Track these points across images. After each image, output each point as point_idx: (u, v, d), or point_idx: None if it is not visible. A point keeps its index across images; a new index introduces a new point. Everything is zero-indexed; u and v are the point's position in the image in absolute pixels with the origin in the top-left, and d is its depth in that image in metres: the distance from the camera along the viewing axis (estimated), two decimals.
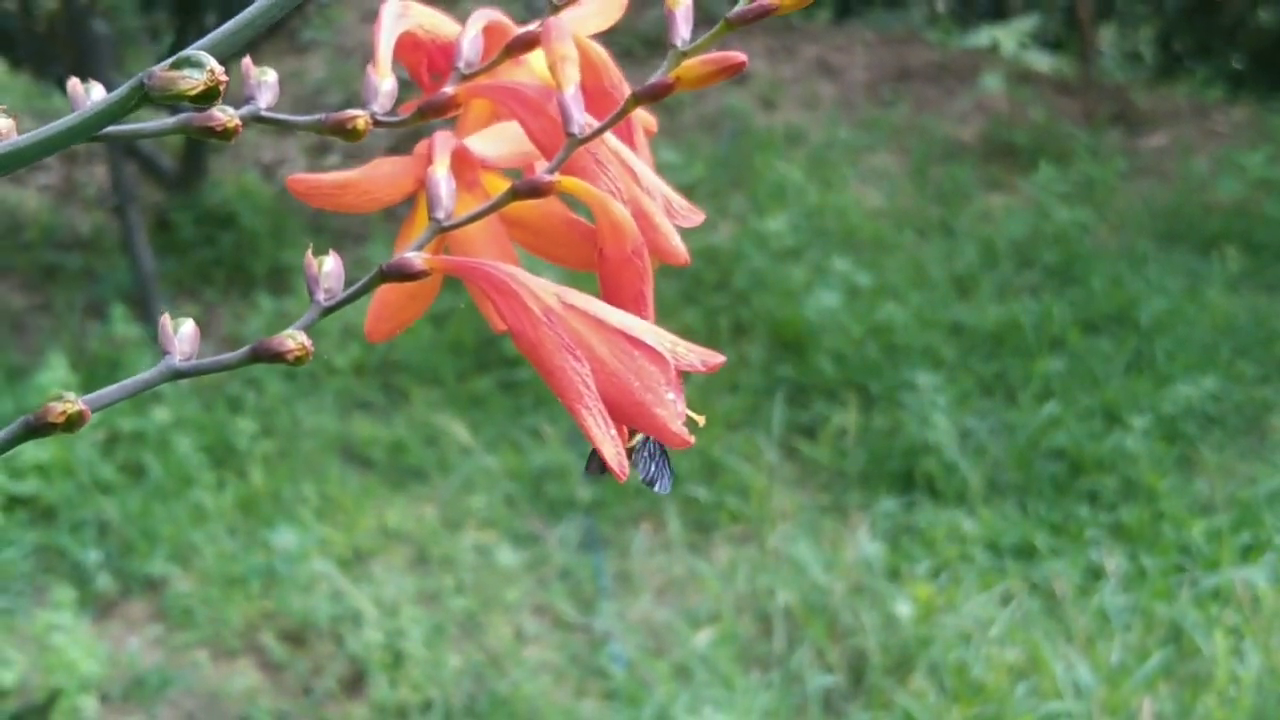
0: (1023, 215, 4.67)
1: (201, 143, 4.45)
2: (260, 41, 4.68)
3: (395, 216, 4.17)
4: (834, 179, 5.02)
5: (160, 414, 3.47)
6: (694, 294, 4.15)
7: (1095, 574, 2.96)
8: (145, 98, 0.39)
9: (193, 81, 0.39)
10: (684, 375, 0.45)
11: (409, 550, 3.20)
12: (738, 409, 3.62)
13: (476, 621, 2.93)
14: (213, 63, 0.39)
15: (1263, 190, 4.75)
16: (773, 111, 5.87)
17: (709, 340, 3.72)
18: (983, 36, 5.44)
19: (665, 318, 0.46)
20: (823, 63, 6.48)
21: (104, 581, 3.07)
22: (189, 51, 0.39)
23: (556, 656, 2.83)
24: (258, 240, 4.52)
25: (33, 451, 3.26)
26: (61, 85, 4.17)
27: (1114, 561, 2.97)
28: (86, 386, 3.47)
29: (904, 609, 2.79)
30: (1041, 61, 5.32)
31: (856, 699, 2.66)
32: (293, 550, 3.05)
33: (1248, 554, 2.97)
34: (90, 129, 0.41)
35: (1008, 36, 5.22)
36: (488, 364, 3.87)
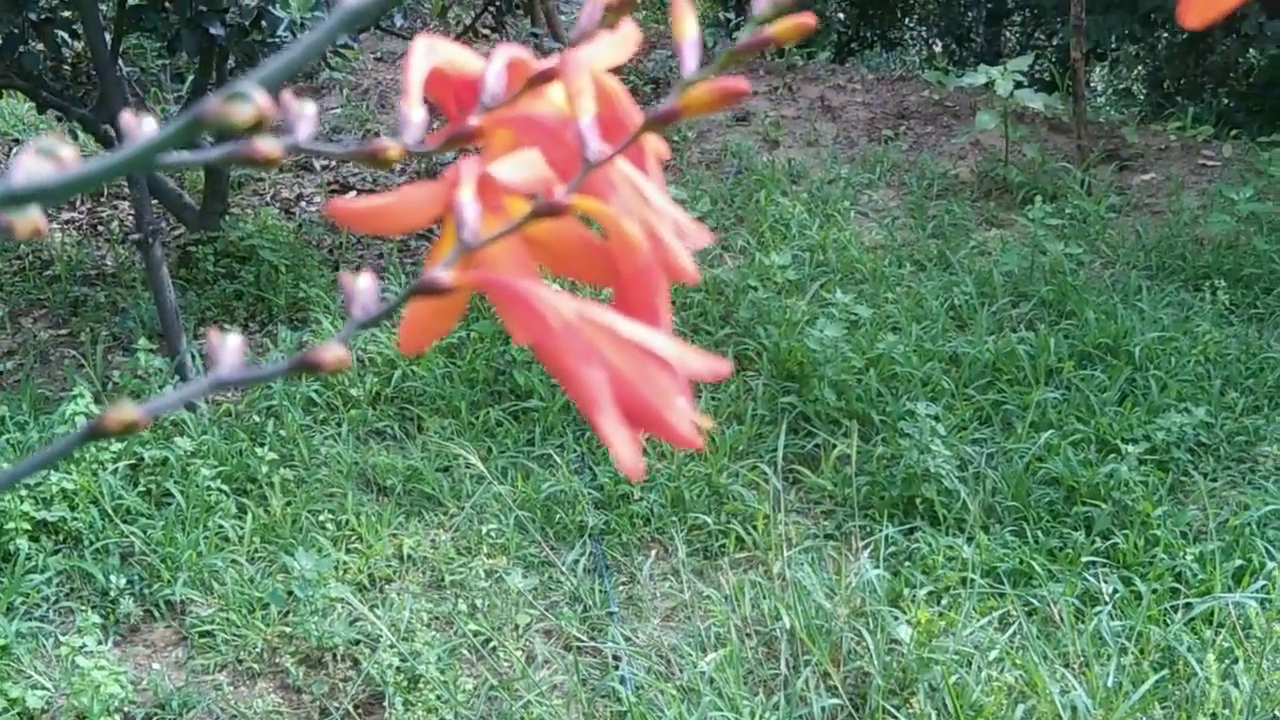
0: (1018, 250, 4.71)
1: (223, 180, 4.52)
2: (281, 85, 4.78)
3: (410, 249, 4.26)
4: (835, 215, 5.07)
5: (182, 443, 3.53)
6: (699, 326, 4.21)
7: (1091, 599, 3.01)
8: (198, 127, 0.41)
9: (244, 114, 0.41)
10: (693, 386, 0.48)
11: (424, 575, 3.25)
12: (742, 438, 3.67)
13: (489, 644, 2.99)
14: (262, 97, 0.41)
15: (1251, 225, 4.78)
16: (775, 149, 5.94)
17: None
18: (978, 76, 5.50)
19: None
20: (823, 102, 6.56)
21: (128, 606, 3.13)
22: (239, 87, 0.41)
23: (567, 679, 2.89)
24: (277, 275, 4.58)
25: (58, 479, 3.32)
26: (85, 125, 4.25)
27: (1109, 586, 3.01)
28: None
29: (905, 632, 2.83)
30: (1035, 100, 5.38)
31: None
32: (311, 575, 3.10)
33: (1239, 579, 3.03)
34: (150, 156, 0.43)
35: (1002, 76, 5.29)
36: (500, 394, 3.93)
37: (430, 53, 0.53)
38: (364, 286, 0.48)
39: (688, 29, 0.49)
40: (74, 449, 0.46)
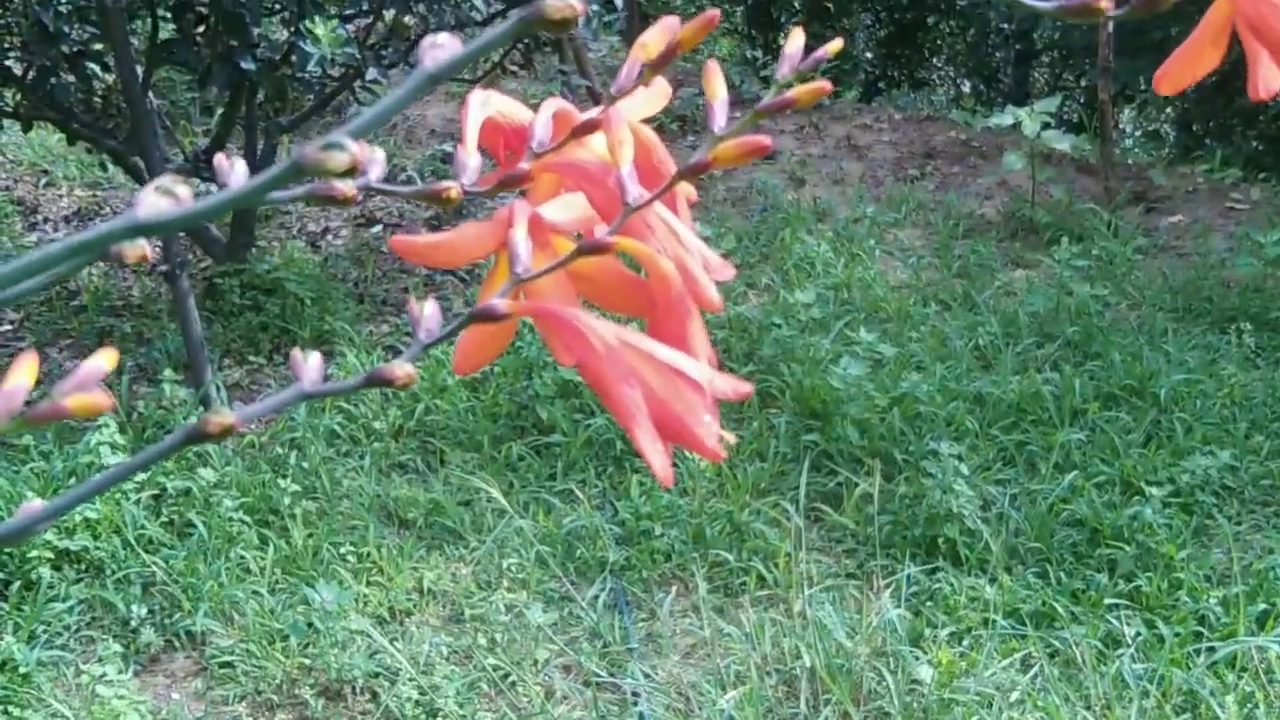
0: (1044, 290, 4.70)
1: (249, 213, 4.55)
2: (310, 118, 4.75)
3: (434, 283, 4.26)
4: (860, 253, 5.07)
5: (205, 474, 3.55)
6: (723, 363, 4.18)
7: (1114, 641, 2.99)
8: (298, 172, 0.46)
9: (340, 160, 0.45)
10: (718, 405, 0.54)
11: (444, 609, 3.26)
12: (765, 476, 3.67)
13: (508, 679, 2.99)
14: (354, 146, 0.45)
15: (1278, 268, 4.78)
16: (801, 188, 5.95)
17: (737, 408, 3.79)
18: (1005, 117, 5.51)
19: None
20: (849, 141, 6.57)
21: (148, 636, 3.13)
22: (334, 137, 0.45)
23: (586, 715, 2.88)
24: (302, 307, 4.61)
25: (81, 508, 3.33)
26: (115, 157, 4.29)
27: (1132, 629, 2.99)
28: (136, 448, 3.52)
29: (926, 673, 2.82)
30: (1062, 141, 5.39)
31: None
32: (331, 607, 3.10)
33: (1263, 623, 3.01)
34: (253, 197, 0.47)
35: (1030, 117, 5.30)
36: (522, 429, 3.93)
37: (485, 104, 0.59)
38: (429, 312, 0.54)
39: (718, 90, 0.56)
40: (171, 454, 0.50)
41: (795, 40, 0.56)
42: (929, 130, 6.76)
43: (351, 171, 0.45)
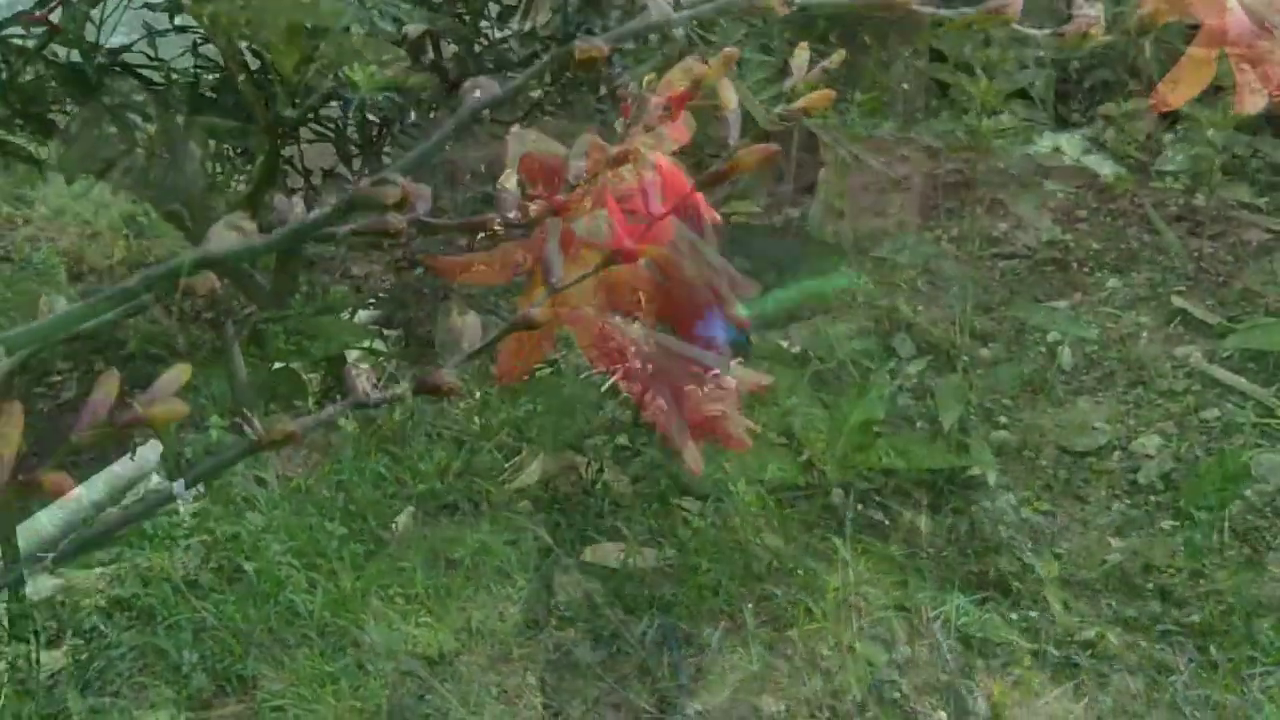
0: (1089, 317, 4.68)
1: (293, 257, 4.59)
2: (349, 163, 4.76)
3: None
4: (901, 284, 5.06)
5: (253, 518, 3.57)
6: (765, 398, 4.20)
7: (1167, 669, 2.98)
8: (353, 206, 0.50)
9: (391, 194, 0.51)
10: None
11: (492, 648, 3.26)
12: (812, 509, 3.66)
13: (559, 718, 2.98)
14: (404, 182, 0.51)
15: None
16: (840, 219, 5.94)
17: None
18: (1045, 144, 5.51)
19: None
20: (888, 170, 6.55)
21: (200, 681, 3.14)
22: (385, 174, 0.50)
23: None
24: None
25: (131, 555, 3.36)
26: (156, 203, 4.34)
27: (1185, 656, 2.98)
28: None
29: (979, 705, 2.82)
30: (1104, 167, 5.36)
31: None
32: (380, 649, 3.11)
33: None
34: (314, 230, 0.51)
35: (1070, 144, 5.29)
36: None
37: (522, 140, 0.65)
38: (470, 322, 0.60)
39: (730, 101, 0.62)
40: (236, 462, 0.65)
41: (800, 55, 0.63)
42: (968, 158, 6.73)
43: (402, 204, 0.50)
